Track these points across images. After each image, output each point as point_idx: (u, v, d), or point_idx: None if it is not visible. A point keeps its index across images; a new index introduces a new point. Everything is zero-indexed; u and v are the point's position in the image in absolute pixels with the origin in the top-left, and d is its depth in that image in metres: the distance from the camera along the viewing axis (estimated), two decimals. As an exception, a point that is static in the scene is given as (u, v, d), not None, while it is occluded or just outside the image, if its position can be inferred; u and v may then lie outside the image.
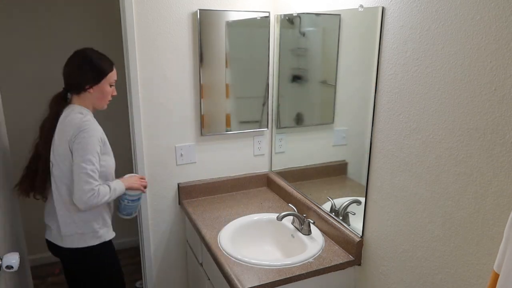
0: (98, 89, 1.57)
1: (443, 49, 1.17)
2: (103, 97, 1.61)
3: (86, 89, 1.55)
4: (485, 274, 1.13)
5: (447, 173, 1.21)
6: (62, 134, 1.55)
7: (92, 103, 1.61)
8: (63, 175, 1.56)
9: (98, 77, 1.56)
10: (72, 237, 1.60)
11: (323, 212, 1.86)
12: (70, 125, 1.53)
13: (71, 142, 1.53)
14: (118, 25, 1.98)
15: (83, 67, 1.53)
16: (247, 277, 1.53)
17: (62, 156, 1.55)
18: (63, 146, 1.54)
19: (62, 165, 1.56)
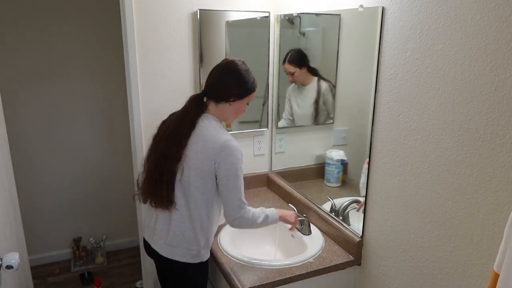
0: (238, 104, 1.54)
1: (443, 49, 1.17)
2: (237, 113, 1.58)
3: (229, 101, 1.52)
4: (485, 274, 1.13)
5: (447, 173, 1.21)
6: (204, 149, 1.47)
7: (225, 116, 1.57)
8: (193, 184, 1.50)
9: (243, 94, 1.53)
10: (176, 249, 1.55)
11: (323, 212, 1.86)
12: (213, 143, 1.47)
13: (214, 160, 1.47)
14: (118, 24, 1.98)
15: (233, 81, 1.51)
16: (247, 277, 1.53)
17: (196, 167, 1.48)
18: (202, 160, 1.47)
19: (193, 176, 1.49)
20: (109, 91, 3.02)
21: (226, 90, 1.51)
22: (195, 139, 1.49)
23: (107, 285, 2.96)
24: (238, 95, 1.52)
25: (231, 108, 1.54)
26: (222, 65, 1.56)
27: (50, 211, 3.09)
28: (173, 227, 1.54)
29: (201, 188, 1.49)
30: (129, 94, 1.99)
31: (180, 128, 1.51)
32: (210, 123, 1.52)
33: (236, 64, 1.53)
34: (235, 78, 1.51)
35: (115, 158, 3.17)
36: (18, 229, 1.87)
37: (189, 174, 1.48)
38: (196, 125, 1.51)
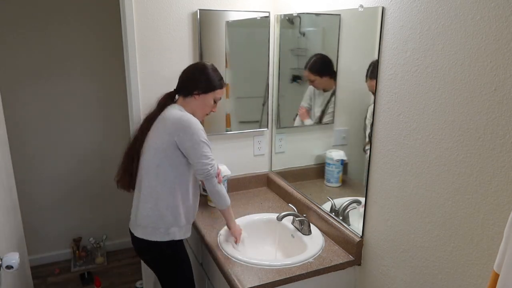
0: (203, 98, 1.70)
1: (443, 49, 1.17)
2: (204, 107, 1.72)
3: (193, 94, 1.68)
4: (485, 274, 1.13)
5: (447, 173, 1.21)
6: (161, 126, 1.64)
7: (193, 109, 1.71)
8: (151, 164, 1.64)
9: (207, 88, 1.69)
10: (145, 229, 1.68)
11: (323, 212, 1.86)
12: (170, 119, 1.63)
13: (172, 135, 1.60)
14: (118, 24, 1.98)
15: (198, 76, 1.70)
16: (247, 277, 1.53)
17: (156, 146, 1.63)
18: (161, 137, 1.62)
19: (151, 155, 1.64)
20: (109, 91, 3.02)
21: (191, 84, 1.69)
22: (157, 121, 1.67)
23: (107, 285, 2.96)
24: (202, 89, 1.68)
25: (196, 101, 1.69)
26: (191, 64, 1.77)
27: (50, 211, 3.09)
28: (140, 208, 1.68)
29: (162, 166, 1.63)
30: (129, 94, 1.99)
31: (149, 116, 1.70)
32: (173, 108, 1.68)
33: (204, 63, 1.74)
34: (200, 74, 1.70)
35: (115, 158, 3.15)
36: (18, 229, 1.87)
37: (149, 153, 1.64)
38: (162, 112, 1.68)
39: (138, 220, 1.69)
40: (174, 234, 1.69)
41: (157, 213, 1.66)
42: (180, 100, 1.72)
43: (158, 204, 1.65)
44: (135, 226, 1.71)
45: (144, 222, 1.67)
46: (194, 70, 1.72)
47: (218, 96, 1.74)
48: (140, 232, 1.69)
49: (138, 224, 1.69)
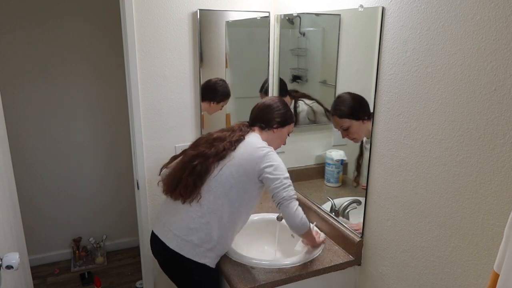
0: (280, 132, 1.75)
1: (443, 49, 1.17)
2: (280, 140, 1.77)
3: (273, 127, 1.72)
4: (485, 274, 1.13)
5: (447, 173, 1.21)
6: (249, 151, 1.60)
7: (269, 140, 1.70)
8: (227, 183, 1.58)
9: (285, 122, 1.74)
10: (184, 243, 1.56)
11: (323, 212, 1.86)
12: (259, 150, 1.60)
13: (259, 164, 1.57)
14: (118, 24, 1.98)
15: (277, 110, 1.73)
16: (247, 277, 1.53)
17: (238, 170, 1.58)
18: (247, 163, 1.58)
19: (230, 175, 1.58)
20: (109, 91, 3.02)
21: (269, 118, 1.72)
22: (242, 145, 1.63)
23: (107, 285, 2.96)
24: (279, 123, 1.72)
25: (274, 134, 1.73)
26: (263, 101, 1.78)
27: (50, 211, 3.09)
28: (189, 220, 1.57)
29: (235, 188, 1.57)
30: (129, 94, 1.99)
31: (228, 137, 1.64)
32: (257, 137, 1.68)
33: (278, 99, 1.78)
34: (279, 108, 1.74)
35: (115, 158, 3.17)
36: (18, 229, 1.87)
37: (229, 173, 1.58)
38: (245, 137, 1.67)
39: (177, 231, 1.57)
40: (210, 258, 1.58)
41: (206, 230, 1.55)
42: (257, 130, 1.73)
43: (211, 223, 1.56)
44: (172, 236, 1.58)
45: (187, 236, 1.55)
46: (269, 106, 1.74)
47: (291, 130, 1.79)
48: (175, 244, 1.56)
49: (177, 235, 1.57)
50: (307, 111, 2.08)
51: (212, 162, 1.59)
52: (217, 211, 1.56)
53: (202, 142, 1.68)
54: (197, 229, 1.55)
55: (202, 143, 1.67)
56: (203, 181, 1.57)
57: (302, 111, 2.10)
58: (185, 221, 1.57)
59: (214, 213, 1.56)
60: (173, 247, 1.56)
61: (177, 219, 1.59)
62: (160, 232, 1.64)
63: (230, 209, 1.57)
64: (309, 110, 2.07)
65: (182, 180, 1.58)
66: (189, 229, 1.56)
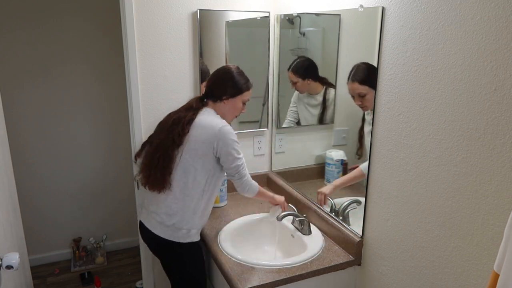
0: (232, 102, 1.75)
1: (443, 49, 1.17)
2: (233, 110, 1.78)
3: (223, 99, 1.74)
4: (485, 274, 1.13)
5: (447, 173, 1.21)
6: (201, 132, 1.67)
7: (223, 113, 1.76)
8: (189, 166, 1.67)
9: (235, 92, 1.74)
10: (167, 228, 1.70)
11: (323, 212, 1.86)
12: (209, 127, 1.67)
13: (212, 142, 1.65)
14: (118, 24, 1.98)
15: (225, 81, 1.75)
16: (247, 277, 1.53)
17: (195, 151, 1.67)
18: (201, 143, 1.66)
19: (190, 158, 1.67)
20: (109, 91, 3.02)
21: (219, 89, 1.74)
22: (195, 126, 1.68)
23: (107, 285, 2.96)
24: (229, 94, 1.74)
25: (226, 106, 1.75)
26: (217, 69, 1.81)
27: (50, 211, 3.09)
28: (167, 207, 1.69)
29: (199, 169, 1.67)
30: (129, 94, 1.99)
31: (183, 118, 1.70)
32: (209, 113, 1.73)
33: (228, 68, 1.77)
34: (226, 79, 1.75)
35: (115, 157, 3.17)
36: (18, 229, 1.87)
37: (189, 156, 1.67)
38: (197, 116, 1.71)
39: (159, 218, 1.70)
40: (193, 236, 1.73)
41: (183, 213, 1.69)
42: (210, 104, 1.77)
43: (186, 205, 1.69)
44: (155, 223, 1.72)
45: (168, 221, 1.69)
46: (220, 75, 1.77)
47: (246, 98, 1.79)
48: (159, 230, 1.71)
49: (160, 222, 1.70)
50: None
51: (172, 151, 1.67)
52: (189, 194, 1.68)
53: (163, 126, 1.77)
54: (175, 214, 1.68)
55: (163, 127, 1.76)
56: (170, 170, 1.67)
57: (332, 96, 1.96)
58: (163, 209, 1.70)
59: (187, 196, 1.68)
60: (158, 233, 1.70)
61: (157, 207, 1.72)
62: (145, 220, 1.77)
63: (200, 189, 1.69)
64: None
65: (152, 174, 1.70)
66: (168, 215, 1.69)
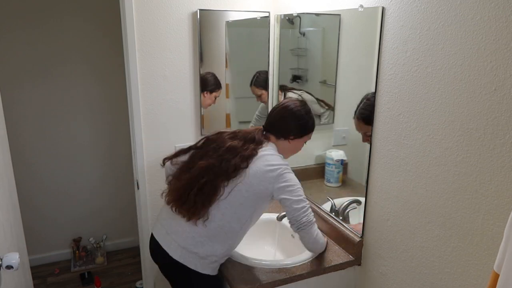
0: (296, 142, 1.65)
1: (443, 49, 1.17)
2: (294, 150, 1.68)
3: (289, 138, 1.62)
4: (485, 274, 1.13)
5: (447, 173, 1.21)
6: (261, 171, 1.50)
7: (284, 150, 1.64)
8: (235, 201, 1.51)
9: (303, 133, 1.64)
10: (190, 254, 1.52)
11: (323, 212, 1.86)
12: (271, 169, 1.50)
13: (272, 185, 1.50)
14: (118, 24, 1.98)
15: (296, 120, 1.62)
16: (247, 277, 1.53)
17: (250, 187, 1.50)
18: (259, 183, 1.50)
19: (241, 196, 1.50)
20: (109, 91, 3.02)
21: (287, 127, 1.61)
22: (256, 162, 1.52)
23: (107, 285, 2.96)
24: (297, 134, 1.62)
25: (290, 145, 1.64)
26: (284, 105, 1.64)
27: (50, 211, 3.09)
28: (195, 234, 1.51)
29: (244, 204, 1.50)
30: (129, 94, 1.99)
31: (241, 150, 1.53)
32: (271, 150, 1.58)
33: (297, 106, 1.63)
34: (297, 118, 1.61)
35: (115, 157, 3.17)
36: (18, 229, 1.87)
37: (238, 191, 1.49)
38: (258, 151, 1.55)
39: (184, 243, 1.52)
40: (212, 268, 1.55)
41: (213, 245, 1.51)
42: (272, 139, 1.63)
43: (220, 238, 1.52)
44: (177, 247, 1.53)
45: (193, 249, 1.51)
46: (289, 114, 1.62)
47: (309, 138, 1.69)
48: (180, 256, 1.52)
49: (183, 247, 1.52)
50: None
51: (221, 182, 1.49)
52: (223, 227, 1.51)
53: (212, 147, 1.58)
54: (202, 243, 1.51)
55: (212, 149, 1.58)
56: (212, 202, 1.49)
57: None
58: (190, 234, 1.52)
59: (221, 228, 1.51)
60: (177, 258, 1.52)
61: (182, 230, 1.53)
62: (162, 239, 1.58)
63: (237, 225, 1.53)
64: (298, 98, 2.02)
65: (189, 199, 1.50)
66: (194, 242, 1.51)
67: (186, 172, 1.57)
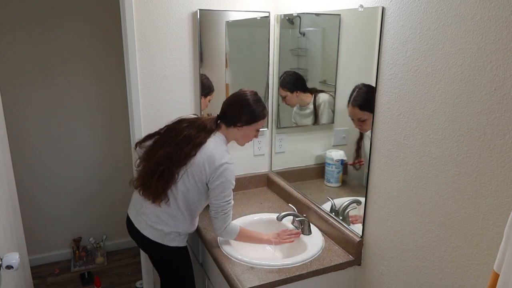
0: (246, 129, 1.74)
1: (443, 49, 1.17)
2: (246, 137, 1.78)
3: (237, 126, 1.73)
4: (485, 274, 1.13)
5: (447, 173, 1.21)
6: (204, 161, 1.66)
7: (235, 138, 1.77)
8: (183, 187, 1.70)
9: (251, 121, 1.73)
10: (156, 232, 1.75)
11: (323, 212, 1.86)
12: (212, 160, 1.65)
13: (208, 176, 1.66)
14: (118, 24, 1.98)
15: (242, 108, 1.72)
16: (247, 277, 1.53)
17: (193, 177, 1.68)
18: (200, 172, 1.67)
19: (188, 182, 1.69)
20: (109, 92, 3.02)
21: (235, 116, 1.72)
22: (202, 152, 1.67)
23: (107, 285, 2.96)
24: (245, 121, 1.72)
25: (239, 132, 1.74)
26: (234, 94, 1.78)
27: (50, 211, 3.09)
28: (157, 217, 1.74)
29: (191, 190, 1.70)
30: (129, 94, 1.99)
31: (193, 139, 1.68)
32: (219, 141, 1.72)
33: (246, 94, 1.74)
34: (243, 106, 1.71)
35: (115, 157, 3.17)
36: (18, 229, 1.87)
37: (186, 178, 1.68)
38: (207, 140, 1.69)
39: (149, 221, 1.75)
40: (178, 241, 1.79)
41: (173, 223, 1.74)
42: (223, 128, 1.75)
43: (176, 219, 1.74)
44: (146, 226, 1.76)
45: (157, 226, 1.74)
46: (236, 101, 1.74)
47: (260, 126, 1.77)
48: (148, 232, 1.76)
49: (150, 225, 1.75)
50: (328, 101, 1.98)
51: (176, 169, 1.67)
52: (179, 209, 1.72)
53: (172, 135, 1.73)
54: (165, 222, 1.73)
55: (171, 137, 1.72)
56: (169, 186, 1.68)
57: (323, 101, 2.02)
58: (155, 214, 1.74)
59: (177, 209, 1.72)
60: (146, 234, 1.75)
61: (149, 212, 1.75)
62: (134, 219, 1.80)
63: (189, 206, 1.74)
64: (330, 99, 1.97)
65: (151, 184, 1.69)
66: (159, 220, 1.74)
67: (150, 158, 1.75)
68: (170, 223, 1.74)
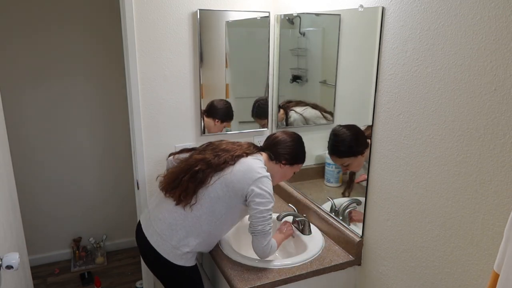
0: (287, 169, 1.73)
1: (443, 49, 1.17)
2: (283, 176, 1.76)
3: (281, 162, 1.71)
4: (485, 274, 1.13)
5: (447, 173, 1.21)
6: (243, 172, 1.58)
7: (273, 173, 1.68)
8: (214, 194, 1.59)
9: (295, 162, 1.73)
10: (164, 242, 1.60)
11: (323, 212, 1.86)
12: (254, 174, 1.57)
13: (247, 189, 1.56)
14: (118, 25, 1.98)
15: (295, 148, 1.72)
16: (247, 277, 1.53)
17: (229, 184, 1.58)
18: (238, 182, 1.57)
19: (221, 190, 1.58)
20: (109, 92, 3.02)
21: (283, 151, 1.70)
22: (241, 162, 1.62)
23: (107, 285, 2.96)
24: (289, 161, 1.71)
25: (280, 169, 1.72)
26: (287, 132, 1.77)
27: (50, 211, 3.09)
28: (172, 221, 1.60)
29: (221, 200, 1.58)
30: (129, 95, 1.99)
31: (233, 151, 1.65)
32: (259, 160, 1.66)
33: (298, 137, 1.76)
34: (293, 147, 1.72)
35: (115, 158, 3.17)
36: (18, 229, 1.87)
37: (219, 184, 1.58)
38: (248, 155, 1.65)
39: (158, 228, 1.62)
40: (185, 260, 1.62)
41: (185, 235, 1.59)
42: (265, 158, 1.70)
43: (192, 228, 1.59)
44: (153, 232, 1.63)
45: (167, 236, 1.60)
46: (295, 141, 1.73)
47: (298, 170, 1.77)
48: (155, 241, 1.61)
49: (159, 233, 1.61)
50: (298, 120, 2.12)
51: (210, 172, 1.60)
52: (199, 219, 1.59)
53: (210, 148, 1.71)
54: (176, 232, 1.59)
55: (210, 149, 1.70)
56: (199, 188, 1.59)
57: (294, 120, 2.15)
58: (167, 221, 1.61)
59: (197, 219, 1.59)
60: (152, 243, 1.62)
61: (161, 216, 1.63)
62: (144, 223, 1.70)
63: (211, 220, 1.60)
64: (300, 118, 2.10)
65: (182, 183, 1.60)
66: (170, 230, 1.60)
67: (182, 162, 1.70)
68: (180, 234, 1.58)
